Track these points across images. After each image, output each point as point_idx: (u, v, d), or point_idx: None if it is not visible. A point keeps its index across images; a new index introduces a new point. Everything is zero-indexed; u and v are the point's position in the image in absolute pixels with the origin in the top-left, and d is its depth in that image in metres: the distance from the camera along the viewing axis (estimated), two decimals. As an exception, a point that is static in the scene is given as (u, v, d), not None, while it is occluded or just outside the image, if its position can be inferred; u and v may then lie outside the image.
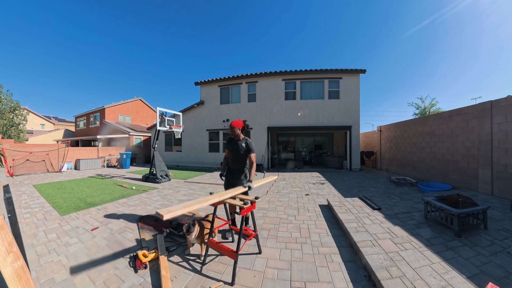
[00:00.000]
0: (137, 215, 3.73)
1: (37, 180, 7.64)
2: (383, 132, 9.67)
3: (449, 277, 1.82)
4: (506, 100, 4.20)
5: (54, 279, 1.97)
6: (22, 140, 16.31)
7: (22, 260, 1.20)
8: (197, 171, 9.94)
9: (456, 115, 5.44)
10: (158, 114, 6.85)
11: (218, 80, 11.73)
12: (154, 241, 2.72)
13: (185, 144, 12.73)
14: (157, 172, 6.99)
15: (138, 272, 2.08)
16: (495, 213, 3.26)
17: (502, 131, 4.23)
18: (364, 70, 9.99)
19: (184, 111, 12.31)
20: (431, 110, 18.85)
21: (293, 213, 3.80)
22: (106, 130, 17.39)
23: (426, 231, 2.72)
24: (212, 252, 2.42)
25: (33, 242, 2.70)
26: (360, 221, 3.12)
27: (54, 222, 3.39)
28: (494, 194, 4.36)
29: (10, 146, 9.00)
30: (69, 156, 11.01)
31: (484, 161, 4.60)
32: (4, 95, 15.34)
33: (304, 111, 10.53)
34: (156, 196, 5.16)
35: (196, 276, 2.03)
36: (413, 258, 2.12)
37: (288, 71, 10.56)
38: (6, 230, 1.16)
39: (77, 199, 4.81)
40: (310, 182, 6.88)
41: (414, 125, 7.22)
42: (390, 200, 4.30)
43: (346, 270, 2.10)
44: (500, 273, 1.85)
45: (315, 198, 4.85)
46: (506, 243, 2.35)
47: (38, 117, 27.58)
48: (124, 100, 21.01)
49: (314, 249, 2.51)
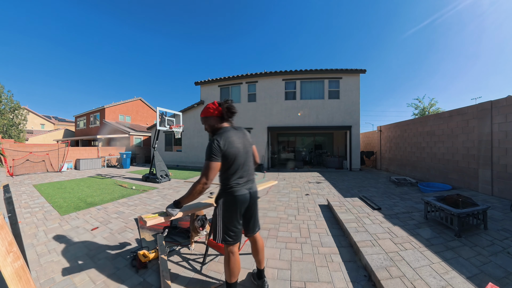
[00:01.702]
0: (137, 215, 3.73)
1: (37, 180, 7.64)
2: (383, 132, 9.67)
3: (449, 277, 1.82)
4: (506, 100, 4.20)
5: (54, 279, 1.97)
6: (22, 140, 16.32)
7: (22, 260, 1.20)
8: (197, 171, 9.94)
9: (456, 115, 5.44)
10: (158, 114, 6.85)
11: (218, 80, 11.73)
12: (154, 241, 2.72)
13: (185, 144, 12.73)
14: (157, 172, 6.99)
15: (138, 272, 2.08)
16: (495, 213, 3.26)
17: (502, 131, 4.23)
18: (364, 70, 9.99)
19: (184, 111, 12.31)
20: (431, 110, 18.85)
21: (293, 213, 3.80)
22: (106, 130, 17.39)
23: (426, 231, 2.72)
24: (212, 252, 2.42)
25: (33, 242, 2.70)
26: (360, 221, 3.11)
27: (54, 222, 3.39)
28: (494, 194, 4.35)
29: (10, 146, 9.01)
30: (69, 156, 11.01)
31: (484, 161, 4.60)
32: (4, 95, 15.36)
33: (304, 111, 10.53)
34: (156, 196, 5.16)
35: (196, 276, 2.03)
36: (413, 258, 2.12)
37: (288, 71, 10.56)
38: (6, 230, 1.16)
39: (77, 199, 4.81)
40: (310, 182, 6.88)
41: (414, 125, 7.22)
42: (390, 200, 4.30)
43: (346, 270, 2.10)
44: (500, 273, 1.85)
45: (315, 198, 4.85)
46: (506, 243, 2.35)
47: (38, 117, 27.58)
48: (124, 100, 21.01)
49: (314, 249, 2.51)
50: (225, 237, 1.59)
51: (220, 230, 1.62)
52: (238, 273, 1.63)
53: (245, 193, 1.61)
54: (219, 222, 1.63)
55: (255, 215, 1.74)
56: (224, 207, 1.60)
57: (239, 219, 1.63)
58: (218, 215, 1.64)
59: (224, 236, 1.60)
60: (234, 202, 1.57)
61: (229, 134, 1.57)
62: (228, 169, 1.56)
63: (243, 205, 1.62)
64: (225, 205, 1.60)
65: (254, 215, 1.74)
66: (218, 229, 1.64)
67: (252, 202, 1.67)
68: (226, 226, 1.59)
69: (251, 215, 1.71)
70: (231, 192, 1.57)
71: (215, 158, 1.48)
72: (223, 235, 1.60)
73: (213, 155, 1.47)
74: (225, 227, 1.60)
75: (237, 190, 1.57)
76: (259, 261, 1.81)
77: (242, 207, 1.61)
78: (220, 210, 1.63)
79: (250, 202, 1.65)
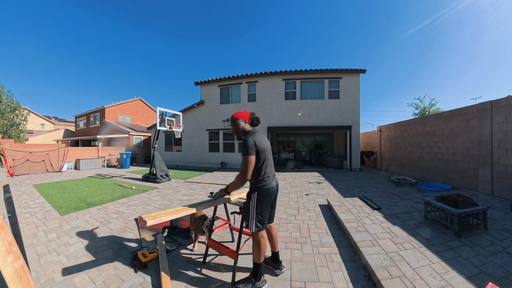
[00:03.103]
0: (137, 215, 3.73)
1: (37, 180, 7.64)
2: (383, 132, 9.67)
3: (449, 277, 1.82)
4: (506, 100, 4.20)
5: (54, 279, 1.97)
6: (22, 140, 16.33)
7: (22, 260, 1.20)
8: (197, 171, 9.94)
9: (456, 115, 5.44)
10: (158, 114, 6.85)
11: (218, 80, 11.74)
12: (154, 241, 2.72)
13: (185, 144, 12.73)
14: (157, 172, 6.99)
15: (138, 272, 2.08)
16: (495, 213, 3.26)
17: (502, 131, 4.22)
18: (364, 70, 9.99)
19: (184, 111, 12.31)
20: (431, 110, 18.85)
21: (293, 213, 3.80)
22: (106, 130, 17.39)
23: (426, 231, 2.72)
24: (212, 252, 2.42)
25: (33, 242, 2.70)
26: (360, 221, 3.11)
27: (54, 222, 3.39)
28: (494, 194, 4.35)
29: (10, 146, 9.01)
30: (69, 156, 11.01)
31: (484, 161, 4.60)
32: (4, 95, 15.36)
33: (304, 111, 10.53)
34: (156, 196, 5.16)
35: (196, 276, 2.03)
36: (413, 258, 2.12)
37: (288, 71, 10.56)
38: (6, 230, 1.16)
39: (77, 199, 4.81)
40: (310, 182, 6.88)
41: (414, 125, 7.22)
42: (390, 200, 4.30)
43: (346, 270, 2.10)
44: (500, 273, 1.85)
45: (315, 198, 4.85)
46: (506, 243, 2.35)
47: (38, 117, 27.58)
48: (124, 100, 21.00)
49: (314, 249, 2.51)
50: (258, 224, 1.82)
51: (254, 219, 1.83)
52: (265, 254, 1.89)
53: (274, 186, 1.90)
54: (252, 213, 1.83)
55: (275, 204, 2.06)
56: (258, 199, 1.82)
57: (269, 208, 1.91)
58: (252, 207, 1.84)
59: (257, 224, 1.82)
60: (268, 194, 1.84)
61: (258, 134, 1.88)
62: (260, 165, 1.82)
63: (273, 196, 1.91)
64: (259, 197, 1.82)
65: (275, 205, 2.06)
66: (251, 219, 1.84)
67: (277, 194, 1.98)
68: (260, 216, 1.82)
69: (274, 204, 2.04)
70: (264, 185, 1.83)
71: (251, 152, 1.73)
72: (256, 223, 1.82)
73: (248, 149, 1.72)
74: (258, 216, 1.82)
75: (269, 183, 1.85)
76: (274, 246, 2.10)
77: (272, 198, 1.90)
78: (254, 202, 1.83)
79: (276, 193, 1.95)
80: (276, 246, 2.11)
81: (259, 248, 1.83)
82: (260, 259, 1.84)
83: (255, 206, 1.82)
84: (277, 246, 2.11)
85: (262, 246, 1.83)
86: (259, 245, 1.83)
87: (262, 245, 1.83)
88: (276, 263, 2.08)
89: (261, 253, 1.83)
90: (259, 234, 1.84)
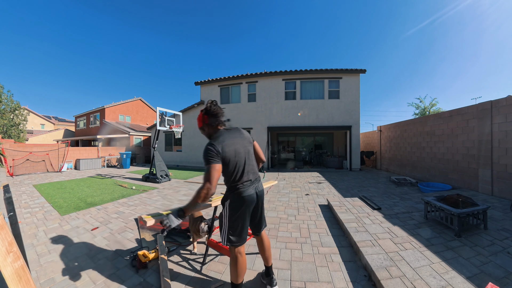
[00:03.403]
0: (137, 215, 3.73)
1: (37, 180, 7.64)
2: (383, 132, 9.67)
3: (449, 277, 1.82)
4: (506, 100, 4.20)
5: (54, 279, 1.97)
6: (22, 140, 16.33)
7: (22, 260, 1.20)
8: (197, 171, 9.94)
9: (456, 115, 5.44)
10: (158, 114, 6.85)
11: (218, 80, 11.73)
12: (154, 241, 2.72)
13: (185, 144, 12.73)
14: (157, 172, 6.99)
15: (138, 272, 2.08)
16: (495, 213, 3.26)
17: (502, 131, 4.22)
18: (364, 70, 9.99)
19: (184, 111, 12.30)
20: (431, 110, 18.85)
21: (293, 213, 3.80)
22: (106, 130, 17.39)
23: (426, 231, 2.72)
24: (212, 252, 2.42)
25: (33, 242, 2.70)
26: (360, 221, 3.11)
27: (54, 222, 3.39)
28: (494, 194, 4.35)
29: (10, 146, 9.01)
30: (69, 156, 11.01)
31: (484, 161, 4.59)
32: (4, 95, 15.36)
33: (304, 111, 10.52)
34: (156, 196, 5.16)
35: (196, 276, 2.03)
36: (413, 258, 2.12)
37: (288, 71, 10.55)
38: (6, 230, 1.16)
39: (77, 199, 4.81)
40: (310, 182, 6.88)
41: (414, 125, 7.22)
42: (390, 200, 4.30)
43: (346, 270, 2.10)
44: (500, 273, 1.85)
45: (315, 198, 4.85)
46: (506, 243, 2.35)
47: (38, 117, 27.59)
48: (124, 100, 21.01)
49: (314, 249, 2.51)
50: (230, 238, 1.55)
51: (225, 232, 1.58)
52: (244, 274, 1.61)
53: (252, 193, 1.57)
54: (225, 224, 1.59)
55: (261, 214, 1.73)
56: (231, 208, 1.56)
57: (247, 220, 1.60)
58: (225, 217, 1.60)
59: (229, 237, 1.56)
60: (242, 203, 1.54)
61: (223, 137, 1.55)
62: (230, 171, 1.52)
63: (251, 205, 1.59)
64: (232, 206, 1.56)
65: (261, 214, 1.72)
66: (223, 231, 1.60)
67: (259, 202, 1.65)
68: (233, 228, 1.55)
69: (258, 214, 1.70)
70: (238, 193, 1.53)
71: (213, 160, 1.44)
72: (229, 237, 1.56)
73: (210, 158, 1.44)
74: (231, 228, 1.56)
75: (244, 190, 1.54)
76: (266, 259, 1.80)
77: (250, 208, 1.58)
78: (226, 212, 1.58)
79: (257, 201, 1.63)
80: (269, 259, 1.79)
81: (235, 266, 1.55)
82: (237, 279, 1.56)
83: (227, 216, 1.57)
84: (270, 259, 1.80)
85: (239, 265, 1.55)
86: (235, 263, 1.55)
87: (240, 263, 1.55)
88: (268, 277, 1.81)
89: (238, 272, 1.55)
90: (235, 250, 1.56)
